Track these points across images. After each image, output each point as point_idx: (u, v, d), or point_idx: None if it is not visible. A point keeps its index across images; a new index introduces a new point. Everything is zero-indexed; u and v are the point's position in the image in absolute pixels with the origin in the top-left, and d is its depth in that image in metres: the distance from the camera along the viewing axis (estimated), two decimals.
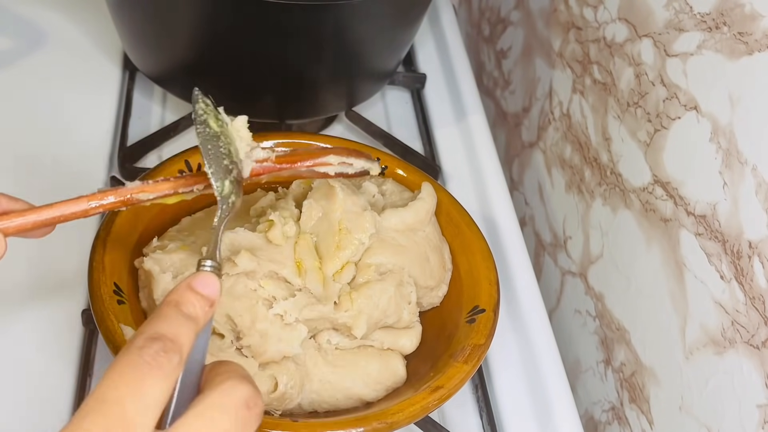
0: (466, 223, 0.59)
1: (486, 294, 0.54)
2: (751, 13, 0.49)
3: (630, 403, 0.64)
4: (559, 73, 0.77)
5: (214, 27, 0.61)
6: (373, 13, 0.63)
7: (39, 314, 0.55)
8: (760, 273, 0.48)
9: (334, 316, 0.50)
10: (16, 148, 0.66)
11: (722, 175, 0.52)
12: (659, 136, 0.59)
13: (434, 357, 0.52)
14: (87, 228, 0.60)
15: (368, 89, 0.73)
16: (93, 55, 0.76)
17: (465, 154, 0.74)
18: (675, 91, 0.57)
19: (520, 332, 0.61)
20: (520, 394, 0.57)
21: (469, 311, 0.53)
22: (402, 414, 0.46)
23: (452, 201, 0.60)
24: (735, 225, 0.50)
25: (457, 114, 0.78)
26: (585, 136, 0.71)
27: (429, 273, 0.55)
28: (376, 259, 0.53)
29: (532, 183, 0.84)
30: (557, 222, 0.78)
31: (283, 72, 0.65)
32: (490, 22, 0.98)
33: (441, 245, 0.57)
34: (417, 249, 0.55)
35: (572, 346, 0.74)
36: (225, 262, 0.48)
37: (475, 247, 0.57)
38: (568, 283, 0.75)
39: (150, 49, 0.67)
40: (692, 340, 0.55)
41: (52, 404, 0.51)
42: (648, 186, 0.61)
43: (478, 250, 0.57)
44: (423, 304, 0.56)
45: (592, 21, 0.70)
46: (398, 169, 0.62)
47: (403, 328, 0.54)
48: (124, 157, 0.66)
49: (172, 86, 0.69)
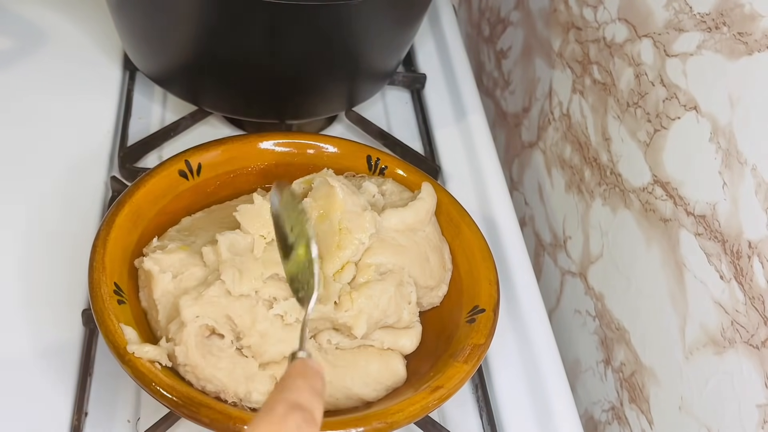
0: (466, 223, 0.59)
1: (486, 294, 0.54)
2: (750, 13, 0.49)
3: (630, 403, 0.64)
4: (559, 73, 0.77)
5: (214, 27, 0.61)
6: (373, 13, 0.63)
7: (39, 313, 0.55)
8: (760, 273, 0.48)
9: (335, 315, 0.50)
10: (15, 148, 0.66)
11: (722, 175, 0.52)
12: (659, 136, 0.59)
13: (434, 357, 0.52)
14: (87, 227, 0.60)
15: (368, 89, 0.73)
16: (93, 55, 0.76)
17: (465, 154, 0.74)
18: (675, 91, 0.57)
19: (520, 332, 0.61)
20: (520, 394, 0.57)
21: (469, 311, 0.54)
22: (402, 414, 0.46)
23: (452, 201, 0.60)
24: (735, 225, 0.50)
25: (456, 114, 0.78)
26: (585, 136, 0.72)
27: (429, 273, 0.55)
28: (377, 259, 0.53)
29: (532, 183, 0.84)
30: (557, 222, 0.78)
31: (283, 72, 0.65)
32: (490, 22, 0.98)
33: (441, 245, 0.57)
34: (417, 249, 0.55)
35: (572, 346, 0.74)
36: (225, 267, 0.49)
37: (474, 247, 0.57)
38: (568, 283, 0.75)
39: (150, 49, 0.67)
40: (692, 340, 0.55)
41: (53, 404, 0.51)
42: (648, 186, 0.61)
43: (478, 249, 0.57)
44: (423, 304, 0.56)
45: (592, 21, 0.70)
46: (398, 169, 0.62)
47: (403, 328, 0.54)
48: (124, 157, 0.66)
49: (172, 86, 0.69)
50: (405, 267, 0.54)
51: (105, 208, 0.63)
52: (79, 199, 0.63)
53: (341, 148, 0.63)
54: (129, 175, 0.65)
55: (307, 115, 0.71)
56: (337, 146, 0.63)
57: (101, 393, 0.52)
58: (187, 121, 0.70)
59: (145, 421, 0.51)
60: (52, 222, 0.61)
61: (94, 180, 0.65)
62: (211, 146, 0.60)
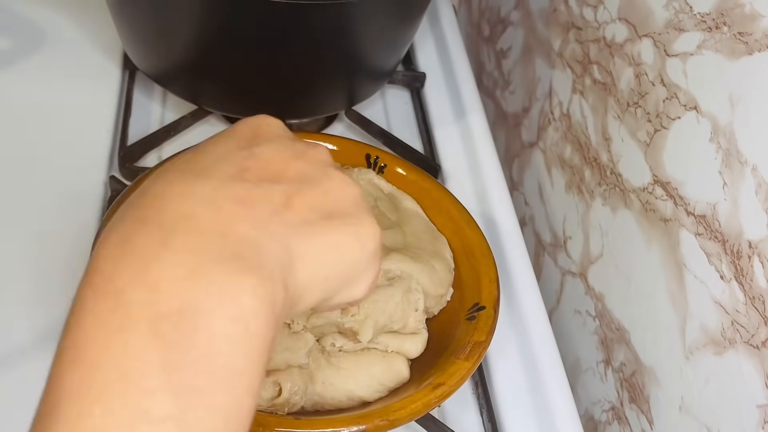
0: (465, 221, 0.58)
1: (486, 291, 0.54)
2: (751, 13, 0.49)
3: (630, 403, 0.64)
4: (559, 73, 0.77)
5: (213, 26, 0.61)
6: (372, 13, 0.63)
7: (39, 313, 0.55)
8: (760, 273, 0.48)
9: (341, 320, 0.50)
10: (15, 148, 0.66)
11: (722, 175, 0.52)
12: (659, 136, 0.59)
13: (435, 354, 0.52)
14: (87, 227, 0.60)
15: (368, 88, 0.73)
16: (93, 55, 0.76)
17: (465, 153, 0.74)
18: (675, 91, 0.57)
19: (520, 332, 0.61)
20: (520, 394, 0.57)
21: (469, 308, 0.54)
22: (404, 411, 0.46)
23: (452, 199, 0.60)
24: (735, 225, 0.50)
25: (456, 113, 0.78)
26: (585, 136, 0.71)
27: (438, 281, 0.55)
28: (384, 264, 0.52)
29: (532, 183, 0.84)
30: (557, 222, 0.78)
31: (283, 71, 0.65)
32: (490, 22, 0.98)
33: (440, 249, 0.57)
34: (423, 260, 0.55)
35: (572, 346, 0.74)
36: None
37: (474, 245, 0.57)
38: (568, 283, 0.75)
39: (150, 49, 0.67)
40: (692, 340, 0.55)
41: None
42: (648, 186, 0.61)
43: (478, 248, 0.57)
44: (434, 312, 0.56)
45: (592, 21, 0.70)
46: (398, 167, 0.62)
47: (408, 334, 0.54)
48: (124, 156, 0.66)
49: (173, 86, 0.69)
50: (414, 275, 0.54)
51: (104, 207, 0.63)
52: (79, 199, 0.63)
53: (340, 146, 0.63)
54: (129, 174, 0.65)
55: (306, 114, 0.71)
56: (336, 144, 0.63)
57: None
58: (187, 121, 0.70)
59: None
60: (52, 222, 0.61)
61: (94, 180, 0.65)
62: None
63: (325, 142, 0.62)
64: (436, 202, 0.60)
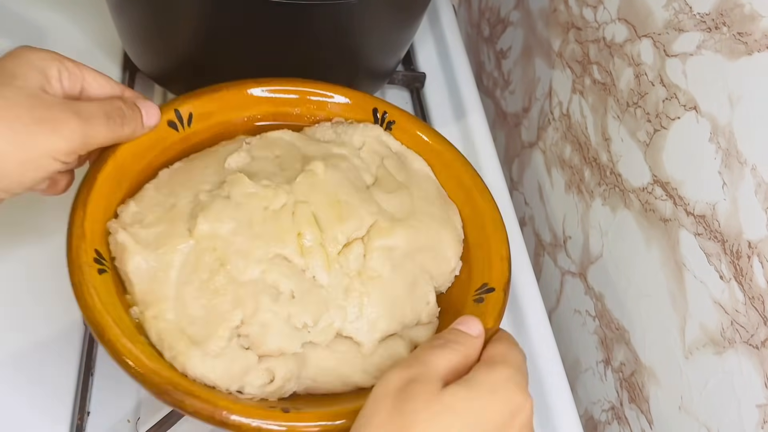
0: (478, 189, 0.53)
1: (497, 271, 0.49)
2: (750, 13, 0.49)
3: (630, 402, 0.64)
4: (558, 73, 0.77)
5: (213, 26, 0.61)
6: (372, 12, 0.63)
7: (40, 312, 0.55)
8: (760, 273, 0.48)
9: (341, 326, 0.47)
10: None
11: (722, 175, 0.52)
12: (659, 136, 0.59)
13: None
14: None
15: (368, 88, 0.73)
16: (93, 55, 0.76)
17: (464, 153, 0.73)
18: (674, 91, 0.57)
19: (520, 332, 0.61)
20: None
21: (477, 289, 0.49)
22: None
23: (464, 163, 0.55)
24: (734, 225, 0.50)
25: (456, 113, 0.78)
26: (585, 136, 0.72)
27: (443, 255, 0.51)
28: (388, 241, 0.48)
29: (532, 183, 0.84)
30: (557, 222, 0.78)
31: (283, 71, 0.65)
32: (490, 23, 0.98)
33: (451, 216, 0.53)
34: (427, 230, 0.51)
35: (572, 346, 0.74)
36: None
37: (486, 217, 0.52)
38: (568, 283, 0.75)
39: (150, 49, 0.67)
40: (692, 340, 0.55)
41: (54, 403, 0.51)
42: (647, 186, 0.61)
43: (490, 220, 0.52)
44: (442, 290, 0.52)
45: (592, 21, 0.70)
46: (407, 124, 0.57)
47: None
48: None
49: (173, 85, 0.69)
50: (420, 249, 0.49)
51: None
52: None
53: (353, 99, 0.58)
54: None
55: None
56: (349, 97, 0.58)
57: (103, 392, 0.52)
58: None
59: (146, 420, 0.51)
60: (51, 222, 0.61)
61: None
62: (204, 93, 0.54)
63: (336, 93, 0.58)
64: (447, 166, 0.55)
